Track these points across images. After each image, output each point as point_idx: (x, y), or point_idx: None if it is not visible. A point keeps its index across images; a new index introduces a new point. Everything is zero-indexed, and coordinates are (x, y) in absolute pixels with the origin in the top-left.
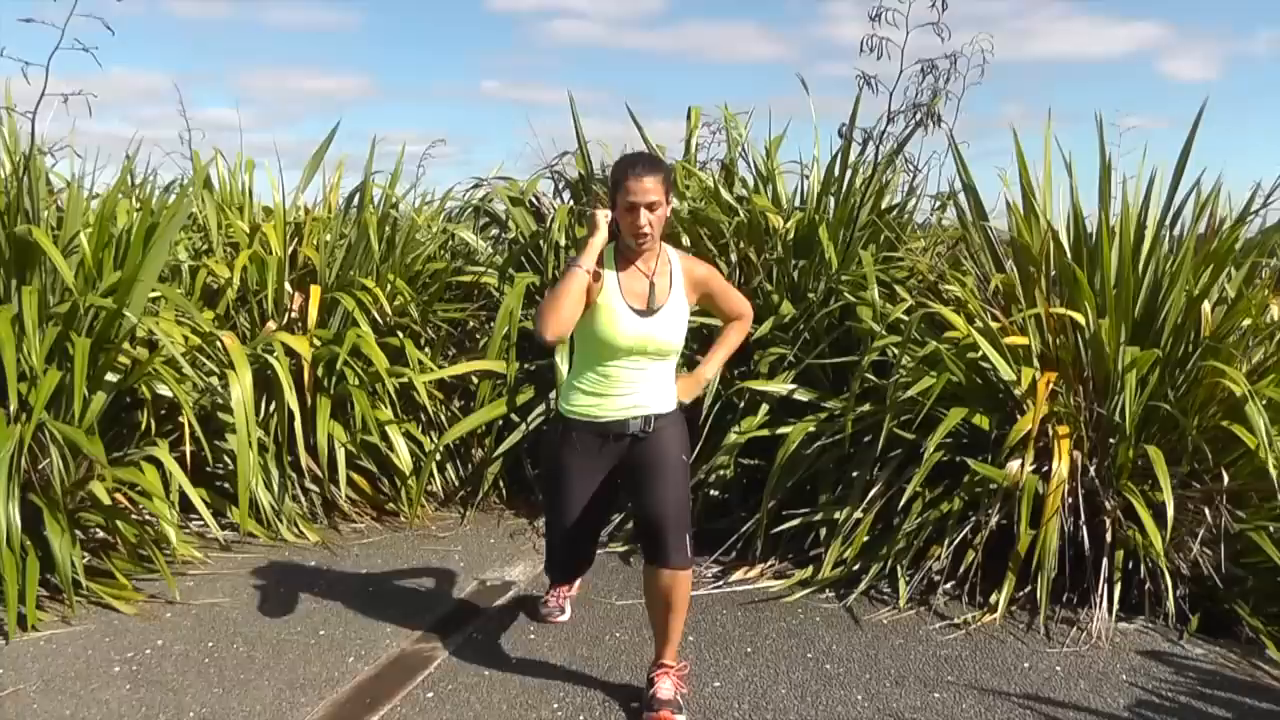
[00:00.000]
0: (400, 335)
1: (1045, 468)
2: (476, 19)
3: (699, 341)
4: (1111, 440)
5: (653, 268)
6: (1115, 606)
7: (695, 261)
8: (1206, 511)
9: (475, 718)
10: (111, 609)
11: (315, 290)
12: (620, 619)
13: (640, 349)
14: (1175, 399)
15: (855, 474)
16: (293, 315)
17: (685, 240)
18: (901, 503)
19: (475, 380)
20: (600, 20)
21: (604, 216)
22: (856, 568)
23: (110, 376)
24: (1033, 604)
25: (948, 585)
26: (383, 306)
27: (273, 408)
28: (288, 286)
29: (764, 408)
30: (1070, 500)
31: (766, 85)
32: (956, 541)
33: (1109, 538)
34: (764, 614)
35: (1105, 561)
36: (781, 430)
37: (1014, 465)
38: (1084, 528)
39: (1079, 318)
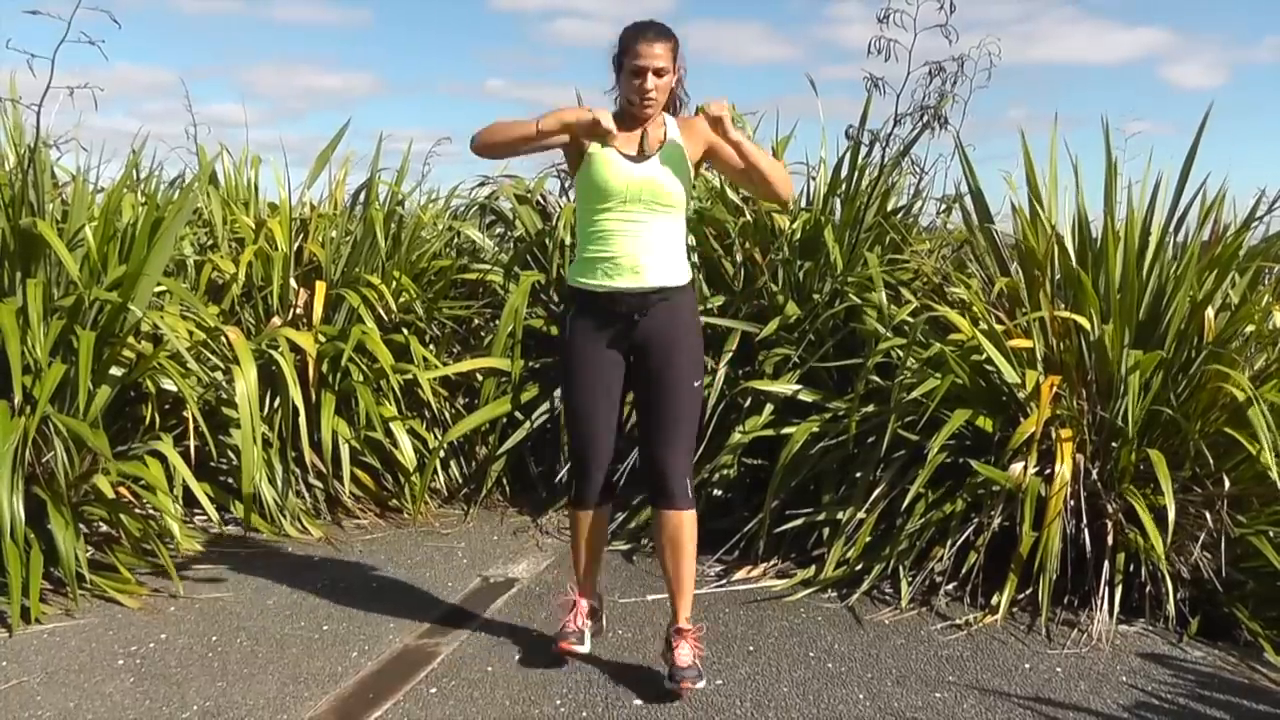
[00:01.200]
0: (405, 332)
1: (1048, 470)
2: (482, 18)
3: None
4: (1114, 444)
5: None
6: (1116, 609)
7: (695, 118)
8: (1207, 515)
9: (478, 713)
10: (115, 602)
11: (320, 286)
12: (623, 617)
13: (635, 196)
14: (1177, 403)
15: (858, 475)
16: (298, 311)
17: (690, 240)
18: (904, 504)
19: (479, 378)
20: (605, 20)
21: (604, 116)
22: (859, 568)
23: (115, 370)
24: (1034, 606)
25: (950, 586)
26: (388, 303)
27: (277, 403)
28: (293, 282)
29: (768, 408)
30: (1072, 503)
31: (772, 86)
32: (959, 543)
33: (1110, 541)
34: (766, 613)
35: (1106, 564)
36: (785, 430)
37: (1017, 468)
38: (1085, 530)
39: (1083, 321)
